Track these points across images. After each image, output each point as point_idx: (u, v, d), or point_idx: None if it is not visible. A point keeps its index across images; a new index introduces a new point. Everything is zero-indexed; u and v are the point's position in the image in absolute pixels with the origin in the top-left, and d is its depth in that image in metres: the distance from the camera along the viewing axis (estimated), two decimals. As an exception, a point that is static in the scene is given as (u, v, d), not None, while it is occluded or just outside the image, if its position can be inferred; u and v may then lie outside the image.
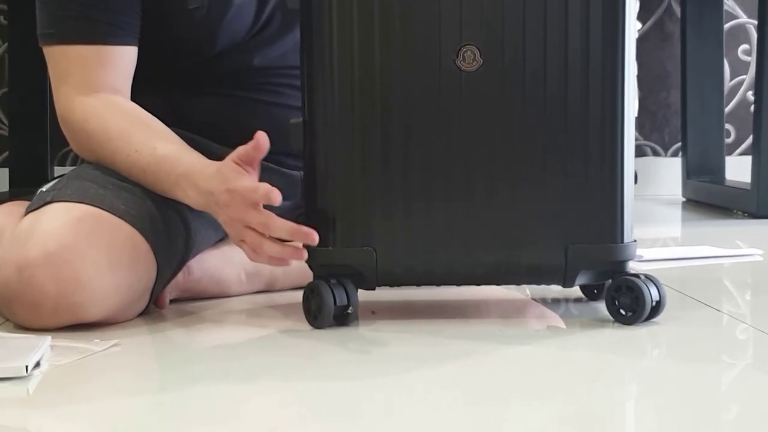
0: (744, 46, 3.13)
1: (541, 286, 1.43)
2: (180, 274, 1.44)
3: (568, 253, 1.30)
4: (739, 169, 2.87)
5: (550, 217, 1.30)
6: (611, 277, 1.33)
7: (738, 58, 3.13)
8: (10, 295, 1.29)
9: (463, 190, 1.30)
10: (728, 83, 3.10)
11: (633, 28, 1.31)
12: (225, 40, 1.48)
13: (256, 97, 1.53)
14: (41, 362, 1.14)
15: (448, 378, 1.12)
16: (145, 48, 1.44)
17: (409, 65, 1.28)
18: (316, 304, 1.30)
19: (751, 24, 3.08)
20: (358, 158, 1.30)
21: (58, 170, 2.84)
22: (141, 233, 1.34)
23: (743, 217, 2.54)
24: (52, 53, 1.43)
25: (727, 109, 3.08)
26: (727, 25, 3.05)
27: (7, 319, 1.33)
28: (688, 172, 2.91)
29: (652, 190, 3.08)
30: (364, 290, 1.33)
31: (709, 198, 2.80)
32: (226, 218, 1.30)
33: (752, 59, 3.06)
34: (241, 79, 1.53)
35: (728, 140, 3.10)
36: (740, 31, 3.13)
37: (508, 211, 1.30)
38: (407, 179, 1.29)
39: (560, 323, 1.37)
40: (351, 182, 1.30)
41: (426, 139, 1.29)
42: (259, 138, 1.28)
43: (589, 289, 1.46)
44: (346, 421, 0.99)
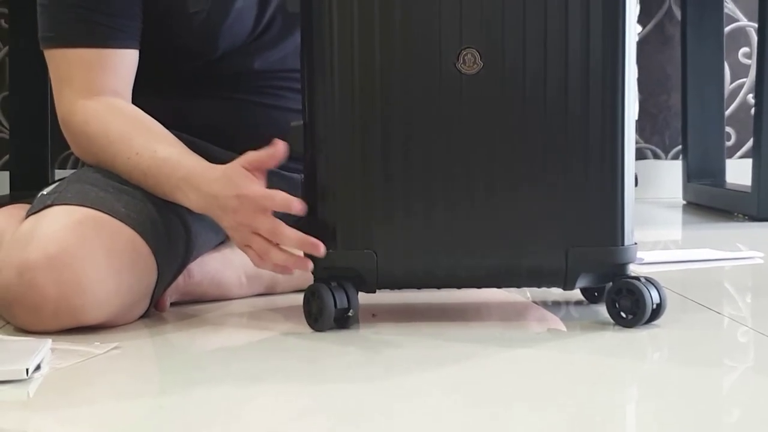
0: (744, 49, 3.13)
1: (542, 289, 1.43)
2: (180, 277, 1.44)
3: (569, 255, 1.30)
4: (739, 172, 2.87)
5: (551, 220, 1.30)
6: (612, 280, 1.33)
7: (738, 61, 3.13)
8: (10, 298, 1.29)
9: (463, 192, 1.30)
10: (728, 86, 3.10)
11: (633, 31, 1.31)
12: (225, 44, 1.48)
13: (256, 100, 1.53)
14: (42, 365, 1.14)
15: (448, 381, 1.12)
16: (146, 51, 1.44)
17: (410, 68, 1.28)
18: (317, 306, 1.30)
19: (752, 27, 3.09)
20: (359, 161, 1.30)
21: (59, 173, 2.84)
22: (142, 236, 1.34)
23: (744, 220, 2.54)
24: (53, 56, 1.43)
25: (728, 112, 3.08)
26: (727, 28, 3.05)
27: (8, 322, 1.33)
28: (689, 175, 2.91)
29: (652, 193, 3.08)
30: (365, 293, 1.33)
31: (709, 201, 2.80)
32: (232, 223, 1.30)
33: (752, 62, 3.06)
34: (242, 83, 1.53)
35: (729, 143, 3.10)
36: (740, 34, 3.13)
37: (509, 214, 1.30)
38: (408, 182, 1.29)
39: (561, 326, 1.37)
40: (351, 185, 1.30)
41: (426, 142, 1.29)
42: (278, 146, 1.28)
43: (589, 291, 1.46)
44: (347, 423, 0.98)
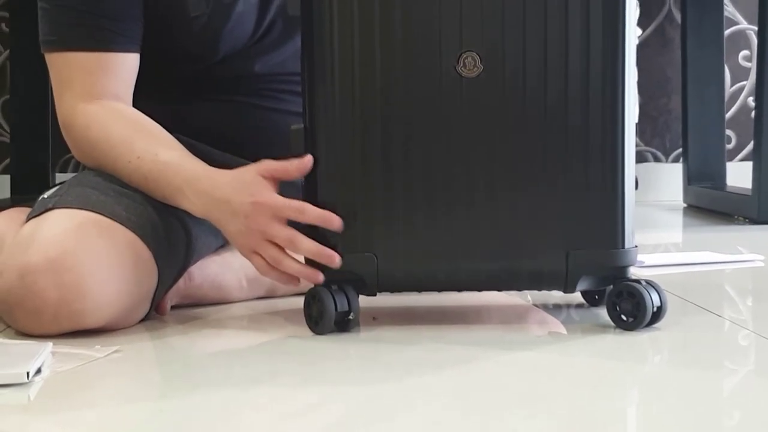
0: (744, 52, 3.13)
1: (543, 292, 1.43)
2: (181, 281, 1.44)
3: (570, 258, 1.30)
4: (740, 175, 2.87)
5: (551, 223, 1.30)
6: (612, 283, 1.33)
7: (738, 64, 3.13)
8: (11, 302, 1.29)
9: (464, 195, 1.30)
10: (729, 89, 3.11)
11: (633, 33, 1.31)
12: (226, 48, 1.48)
13: (256, 102, 1.53)
14: (42, 369, 1.14)
15: (449, 384, 1.12)
16: (147, 54, 1.44)
17: (410, 71, 1.29)
18: (317, 310, 1.30)
19: (752, 30, 3.09)
20: (359, 164, 1.30)
21: (60, 177, 2.84)
22: (142, 240, 1.34)
23: (744, 223, 2.54)
24: (54, 60, 1.43)
25: (728, 115, 3.08)
26: (727, 31, 3.05)
27: (8, 326, 1.33)
28: (689, 178, 2.91)
29: (653, 195, 3.08)
30: (365, 296, 1.33)
31: (710, 204, 2.80)
32: (242, 228, 1.29)
33: (753, 65, 3.06)
34: (242, 86, 1.53)
35: (729, 146, 3.10)
36: (740, 37, 3.13)
37: (509, 217, 1.30)
38: (408, 185, 1.29)
39: (561, 329, 1.37)
40: (352, 188, 1.30)
41: (427, 145, 1.29)
42: (306, 161, 1.28)
43: (590, 294, 1.46)
44: (347, 426, 0.99)
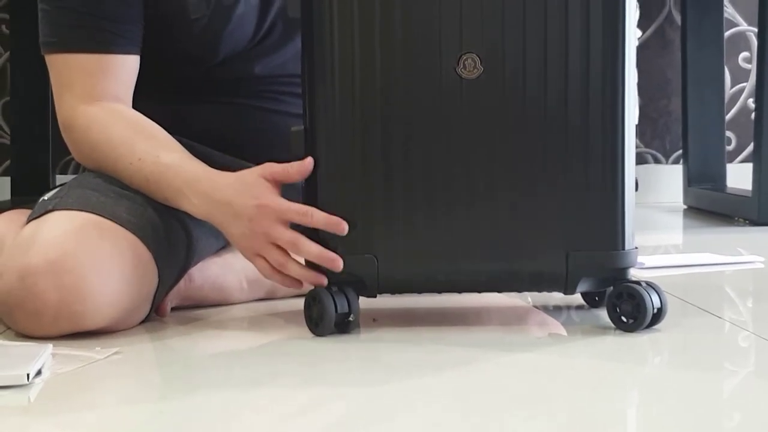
0: (744, 54, 3.13)
1: (543, 294, 1.43)
2: (181, 282, 1.44)
3: (570, 260, 1.30)
4: (740, 177, 2.87)
5: (551, 224, 1.30)
6: (612, 284, 1.33)
7: (738, 65, 3.13)
8: (11, 303, 1.29)
9: (464, 197, 1.30)
10: (729, 91, 3.11)
11: (633, 35, 1.31)
12: (226, 50, 1.48)
13: (256, 104, 1.53)
14: (42, 370, 1.14)
15: (449, 385, 1.12)
16: (147, 56, 1.44)
17: (410, 73, 1.29)
18: (318, 311, 1.30)
19: (752, 31, 3.09)
20: (359, 166, 1.30)
21: (60, 179, 2.84)
22: (142, 241, 1.34)
23: (744, 225, 2.54)
24: (54, 62, 1.43)
25: (728, 117, 3.08)
26: (727, 33, 3.05)
27: (8, 328, 1.33)
28: (689, 180, 2.91)
29: (653, 197, 3.08)
30: (366, 298, 1.33)
31: (710, 205, 2.80)
32: (245, 231, 1.29)
33: (753, 67, 3.06)
34: (242, 87, 1.53)
35: (729, 147, 3.10)
36: (740, 39, 3.13)
37: (509, 219, 1.30)
38: (408, 187, 1.29)
39: (562, 330, 1.37)
40: (352, 190, 1.30)
41: (427, 147, 1.29)
42: (307, 164, 1.28)
43: (590, 296, 1.46)
44: (347, 428, 0.99)
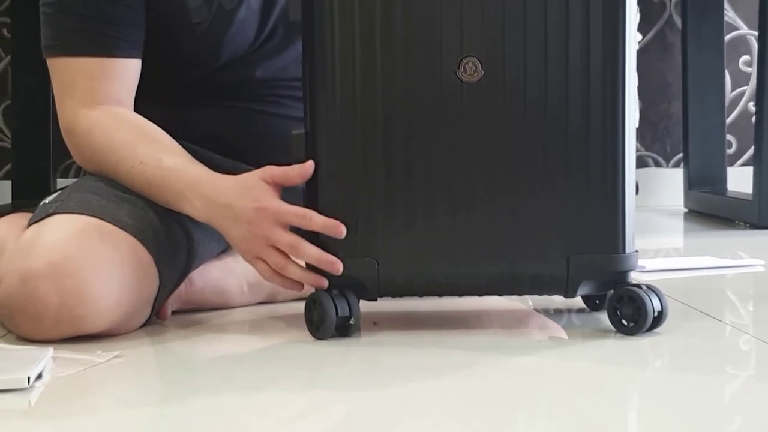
0: (745, 57, 3.13)
1: (543, 297, 1.43)
2: (182, 286, 1.44)
3: (570, 263, 1.30)
4: (740, 180, 2.87)
5: (552, 228, 1.30)
6: (613, 288, 1.33)
7: (739, 69, 3.13)
8: (12, 307, 1.29)
9: (464, 200, 1.30)
10: (729, 94, 3.11)
11: (634, 39, 1.31)
12: (228, 54, 1.48)
13: (257, 108, 1.54)
14: (43, 374, 1.14)
15: (450, 389, 1.12)
16: (148, 59, 1.44)
17: (411, 77, 1.29)
18: (318, 315, 1.30)
19: (752, 35, 3.09)
20: (360, 169, 1.30)
21: (61, 182, 2.85)
22: (143, 244, 1.34)
23: (745, 228, 2.54)
24: (55, 65, 1.43)
25: (729, 120, 3.09)
26: (727, 37, 3.05)
27: (9, 331, 1.33)
28: (690, 183, 2.91)
29: (653, 200, 3.08)
30: (366, 301, 1.33)
31: (710, 209, 2.80)
32: (245, 234, 1.29)
33: (753, 70, 3.06)
34: (243, 91, 1.53)
35: (730, 151, 3.10)
36: (741, 42, 3.14)
37: (510, 222, 1.30)
38: (409, 190, 1.30)
39: (562, 334, 1.37)
40: (352, 194, 1.30)
41: (427, 150, 1.30)
42: (307, 167, 1.28)
43: (591, 299, 1.46)
44: (348, 431, 0.98)
